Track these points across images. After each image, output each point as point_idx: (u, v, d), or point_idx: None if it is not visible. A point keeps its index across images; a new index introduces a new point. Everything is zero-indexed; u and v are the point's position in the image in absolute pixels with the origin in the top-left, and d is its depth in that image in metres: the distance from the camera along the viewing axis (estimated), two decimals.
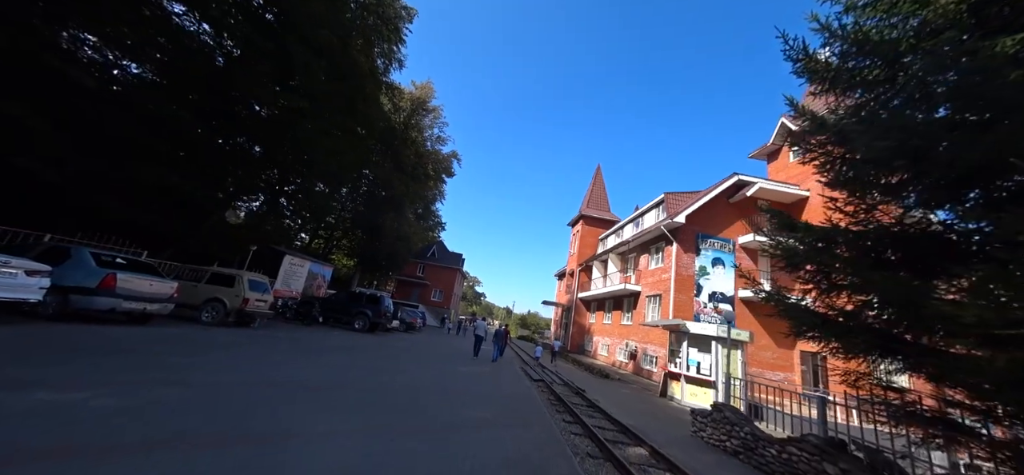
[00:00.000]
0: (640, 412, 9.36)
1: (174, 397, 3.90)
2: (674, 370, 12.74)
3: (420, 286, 46.01)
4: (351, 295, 17.52)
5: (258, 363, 6.18)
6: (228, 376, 4.99)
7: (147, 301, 6.75)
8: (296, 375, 5.81)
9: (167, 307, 7.36)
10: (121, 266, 6.56)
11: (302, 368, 6.48)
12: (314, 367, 6.79)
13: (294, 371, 6.12)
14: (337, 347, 10.07)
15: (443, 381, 7.97)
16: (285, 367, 6.25)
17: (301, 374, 6.01)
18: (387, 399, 5.47)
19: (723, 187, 17.65)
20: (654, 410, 10.23)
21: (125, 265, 6.69)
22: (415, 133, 29.90)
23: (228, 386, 4.59)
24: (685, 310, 16.32)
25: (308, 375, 6.04)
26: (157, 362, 5.05)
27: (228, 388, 4.51)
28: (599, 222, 31.75)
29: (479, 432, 4.70)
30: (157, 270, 7.53)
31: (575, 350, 28.47)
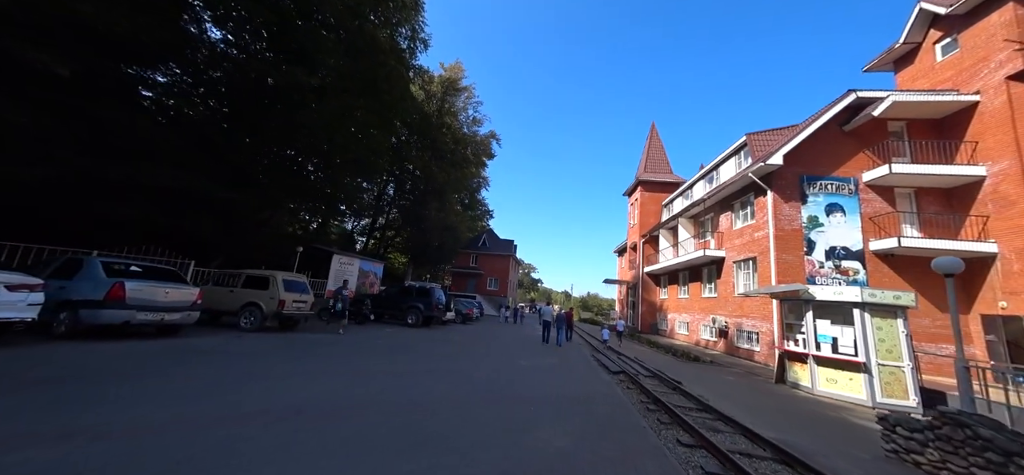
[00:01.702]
0: (768, 411, 6.87)
1: (77, 453, 2.61)
2: (795, 349, 9.79)
3: (475, 276, 45.76)
4: (402, 290, 16.82)
5: (259, 379, 4.97)
6: (193, 406, 3.72)
7: (165, 311, 6.05)
8: (299, 395, 4.46)
9: (191, 316, 6.66)
10: (135, 274, 5.87)
11: (319, 381, 5.19)
12: (337, 378, 5.49)
13: (304, 387, 4.82)
14: (380, 348, 8.95)
15: (499, 382, 6.32)
16: (294, 383, 4.98)
17: (311, 391, 4.67)
18: (412, 424, 3.87)
19: (834, 112, 13.59)
20: (783, 406, 7.61)
21: (141, 273, 6.01)
22: (449, 118, 28.73)
23: (179, 424, 3.27)
24: (793, 272, 12.92)
25: (321, 392, 4.69)
26: (111, 393, 3.90)
27: (176, 426, 3.20)
28: (660, 186, 28.04)
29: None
30: (180, 276, 6.88)
31: (647, 330, 25.59)
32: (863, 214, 13.12)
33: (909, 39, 14.40)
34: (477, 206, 46.44)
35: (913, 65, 14.60)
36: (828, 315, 9.26)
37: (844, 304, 8.92)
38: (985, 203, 11.82)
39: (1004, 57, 11.53)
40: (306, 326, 10.87)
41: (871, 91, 13.33)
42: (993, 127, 11.75)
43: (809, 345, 9.38)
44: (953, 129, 12.88)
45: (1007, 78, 11.43)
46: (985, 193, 11.84)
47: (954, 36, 13.18)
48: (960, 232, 12.32)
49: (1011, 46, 11.39)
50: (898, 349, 8.35)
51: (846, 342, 8.81)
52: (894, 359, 8.32)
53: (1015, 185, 11.06)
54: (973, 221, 12.03)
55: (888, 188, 13.21)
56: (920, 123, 13.55)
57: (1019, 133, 11.10)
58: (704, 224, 19.83)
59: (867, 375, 8.36)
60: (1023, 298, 10.68)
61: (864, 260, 12.82)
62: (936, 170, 12.13)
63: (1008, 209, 11.19)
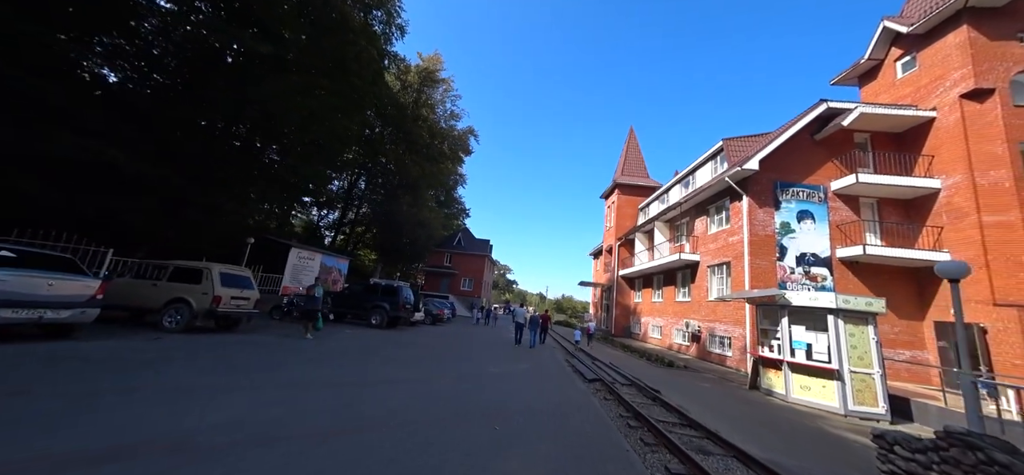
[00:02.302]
0: (749, 422, 6.54)
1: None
2: (770, 355, 9.69)
3: (448, 276, 44.57)
4: (366, 288, 15.66)
5: (143, 399, 3.92)
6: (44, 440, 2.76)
7: (46, 307, 4.86)
8: (192, 420, 3.46)
9: (86, 314, 5.45)
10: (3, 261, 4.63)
11: (234, 397, 4.25)
12: (261, 393, 4.56)
13: (207, 407, 3.84)
14: (332, 353, 7.95)
15: (464, 393, 5.58)
16: (196, 401, 3.98)
17: (217, 413, 3.72)
18: (347, 452, 3.08)
19: (806, 120, 13.88)
20: (763, 416, 7.34)
21: (13, 259, 4.77)
22: (425, 111, 27.63)
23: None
24: (766, 278, 13.01)
25: (230, 414, 3.75)
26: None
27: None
28: (637, 190, 28.23)
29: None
30: (76, 266, 5.63)
31: (621, 333, 25.57)
32: (831, 222, 13.44)
33: (873, 55, 15.00)
34: (453, 204, 45.39)
35: (876, 81, 15.22)
36: (803, 321, 9.20)
37: (819, 310, 8.86)
38: (940, 214, 12.35)
39: (958, 76, 12.11)
40: (251, 327, 9.63)
41: (840, 102, 13.71)
42: (947, 142, 12.31)
43: (784, 351, 9.27)
44: (912, 143, 13.45)
45: (960, 96, 12.00)
46: (940, 205, 12.38)
47: (913, 54, 13.80)
48: (916, 241, 12.83)
49: (963, 67, 11.97)
50: (869, 356, 8.36)
51: (820, 349, 8.75)
52: (865, 366, 8.31)
53: (966, 198, 11.60)
54: (929, 231, 12.56)
55: (854, 197, 13.60)
56: (883, 136, 14.08)
57: (971, 149, 11.66)
58: (679, 228, 19.95)
59: (840, 383, 8.30)
60: (972, 306, 11.15)
61: (831, 267, 13.10)
62: (899, 181, 12.57)
63: (960, 221, 11.72)
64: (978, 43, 11.92)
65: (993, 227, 10.99)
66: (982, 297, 10.93)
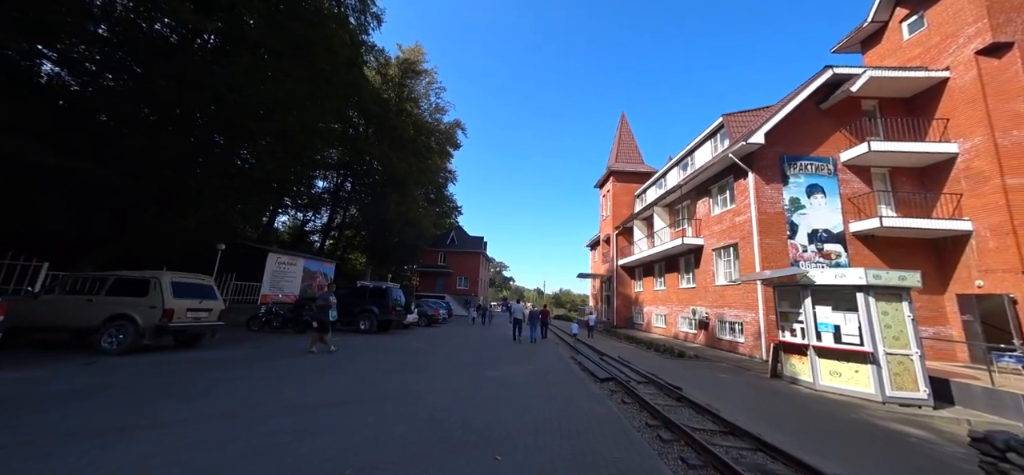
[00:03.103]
0: (789, 419, 5.71)
1: None
2: (792, 340, 8.89)
3: (443, 275, 43.55)
4: (353, 291, 14.61)
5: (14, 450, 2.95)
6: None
7: None
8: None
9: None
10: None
11: (122, 449, 3.24)
12: (191, 429, 3.57)
13: (103, 453, 2.88)
14: (300, 368, 6.96)
15: (453, 410, 4.64)
16: (93, 446, 3.02)
17: (119, 463, 2.75)
18: None
19: (811, 89, 13.10)
20: (801, 411, 6.52)
21: None
22: (409, 105, 26.47)
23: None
24: (777, 257, 12.25)
25: (134, 461, 2.78)
26: None
27: None
28: (633, 176, 27.43)
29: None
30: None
31: (623, 324, 24.83)
32: (842, 195, 12.71)
33: (876, 17, 14.26)
34: (444, 202, 44.15)
35: (880, 44, 14.50)
36: (828, 301, 8.41)
37: (846, 288, 8.06)
38: (958, 180, 11.67)
39: (973, 31, 11.39)
40: (215, 342, 8.54)
41: (847, 68, 12.95)
42: (963, 104, 11.61)
43: (809, 335, 8.48)
44: (923, 107, 12.75)
45: (976, 53, 11.28)
46: (958, 171, 11.70)
47: (920, 13, 13.08)
48: (932, 211, 12.16)
49: (978, 21, 11.25)
50: (905, 335, 7.59)
51: (849, 330, 7.96)
52: (901, 346, 7.54)
53: (988, 161, 10.91)
54: (946, 199, 11.88)
55: (865, 168, 12.88)
56: (891, 101, 13.37)
57: (990, 108, 10.96)
58: (679, 212, 19.17)
59: (875, 366, 7.52)
60: (998, 276, 10.51)
61: (845, 242, 12.38)
62: (914, 147, 11.86)
63: (981, 185, 11.03)
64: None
65: (1019, 190, 10.31)
66: (1009, 265, 10.26)
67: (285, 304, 13.61)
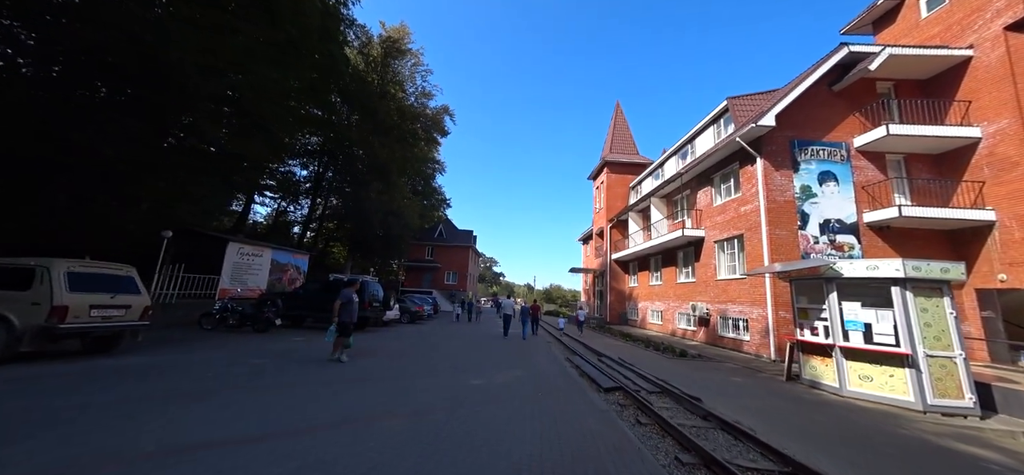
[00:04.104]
0: (835, 440, 4.68)
1: None
2: (813, 339, 7.93)
3: (431, 270, 42.08)
4: (326, 285, 13.22)
5: None
6: None
7: None
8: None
9: None
10: None
11: None
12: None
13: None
14: (236, 378, 5.66)
15: (420, 449, 3.42)
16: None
17: None
18: None
19: (825, 69, 12.15)
20: (844, 426, 5.51)
21: None
22: (393, 88, 24.87)
23: None
24: (787, 249, 11.33)
25: None
26: None
27: None
28: (628, 167, 26.44)
29: None
30: None
31: (616, 320, 23.92)
32: (855, 182, 11.84)
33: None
34: (432, 194, 42.59)
35: (895, 24, 13.64)
36: (856, 296, 7.44)
37: (880, 281, 7.09)
38: (980, 167, 10.89)
39: (1002, 4, 10.54)
40: (138, 345, 7.07)
41: (864, 45, 12.04)
42: (988, 84, 10.80)
43: (834, 334, 7.51)
44: (941, 89, 11.94)
45: (1005, 28, 10.45)
46: (980, 157, 10.91)
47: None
48: (950, 200, 11.39)
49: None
50: (947, 335, 6.66)
51: (882, 329, 7.01)
52: (943, 348, 6.61)
53: (1015, 146, 10.12)
54: (966, 187, 11.10)
55: (879, 154, 12.03)
56: (907, 84, 12.55)
57: (1020, 89, 10.15)
58: (678, 203, 18.22)
59: (913, 370, 6.58)
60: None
61: (859, 233, 11.54)
62: (935, 132, 11.01)
63: (1008, 172, 10.25)
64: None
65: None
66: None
67: (246, 299, 12.16)
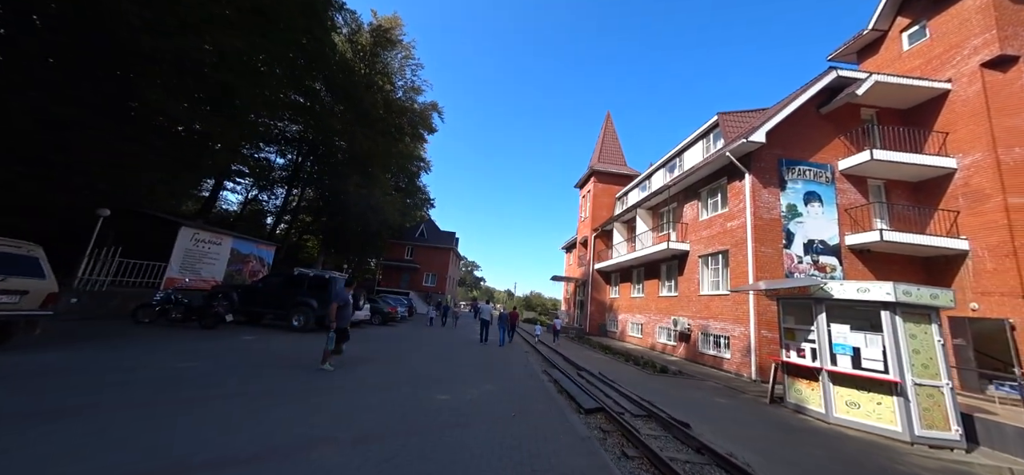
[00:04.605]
0: None
1: None
2: (800, 362, 7.64)
3: (409, 271, 40.83)
4: (289, 280, 12.18)
5: None
6: None
7: None
8: None
9: None
10: None
11: None
12: None
13: None
14: (135, 389, 4.80)
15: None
16: None
17: None
18: None
19: (813, 91, 12.24)
20: (837, 457, 5.11)
21: None
22: (381, 79, 23.97)
23: None
24: (772, 267, 11.20)
25: None
26: None
27: None
28: (615, 177, 26.37)
29: None
30: None
31: (596, 331, 23.58)
32: (839, 205, 11.88)
33: (877, 26, 13.72)
34: (416, 192, 41.47)
35: (878, 55, 13.98)
36: (845, 319, 7.21)
37: (869, 305, 6.87)
38: (955, 197, 11.10)
39: (979, 42, 10.86)
40: (36, 339, 6.03)
41: (851, 71, 12.20)
42: (965, 117, 11.06)
43: (822, 357, 7.24)
44: (920, 119, 12.20)
45: (981, 65, 10.75)
46: (955, 187, 11.13)
47: (923, 23, 12.57)
48: (927, 227, 11.57)
49: (986, 31, 10.72)
50: (934, 363, 6.47)
51: (871, 355, 6.77)
52: (931, 376, 6.41)
53: (989, 178, 10.35)
54: (941, 216, 11.29)
55: (862, 178, 12.15)
56: (889, 112, 12.79)
57: (994, 123, 10.41)
58: (663, 216, 18.09)
59: (901, 399, 6.33)
60: (996, 299, 9.91)
61: (841, 255, 11.54)
62: (916, 160, 11.18)
63: (981, 203, 10.46)
64: (1001, 6, 10.71)
65: (1021, 210, 9.75)
66: (1009, 288, 9.66)
67: (194, 290, 11.00)
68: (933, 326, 6.63)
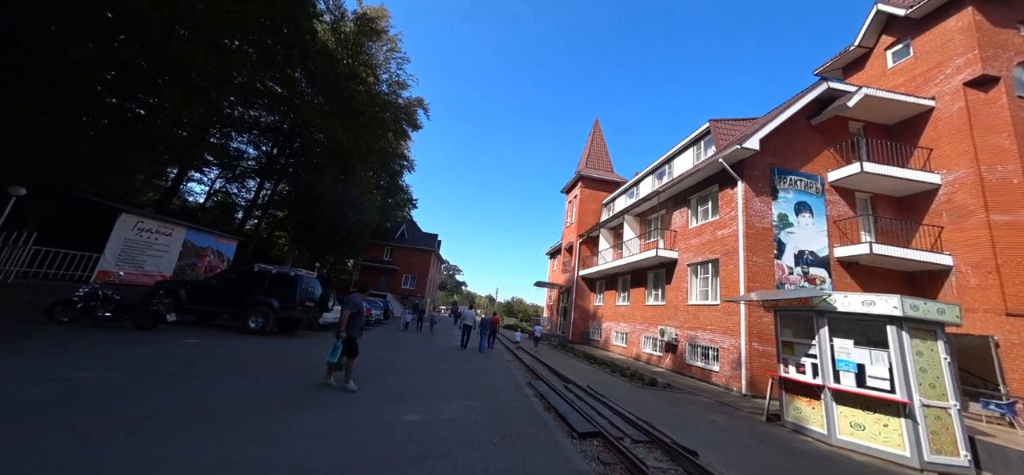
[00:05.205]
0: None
1: None
2: (800, 378, 7.21)
3: (388, 272, 39.29)
4: (247, 276, 10.94)
5: None
6: None
7: None
8: None
9: None
10: None
11: None
12: None
13: None
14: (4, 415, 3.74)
15: None
16: None
17: None
18: None
19: (805, 101, 12.17)
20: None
21: None
22: (365, 72, 22.86)
23: None
24: (763, 277, 10.91)
25: None
26: None
27: None
28: (602, 184, 26.11)
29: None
30: None
31: (579, 339, 23.01)
32: (829, 216, 11.78)
33: (863, 42, 13.92)
34: (398, 192, 40.05)
35: (863, 71, 14.18)
36: (849, 333, 6.83)
37: (874, 318, 6.50)
38: (939, 213, 11.17)
39: (962, 62, 11.04)
40: None
41: (842, 84, 12.20)
42: (948, 135, 11.19)
43: (824, 373, 6.82)
44: (905, 135, 12.33)
45: (964, 84, 10.91)
46: (939, 203, 11.21)
47: (907, 42, 12.79)
48: (911, 242, 11.60)
49: (969, 51, 10.90)
50: (942, 383, 6.13)
51: (877, 372, 6.38)
52: (938, 397, 6.06)
53: (972, 195, 10.43)
54: (925, 231, 11.35)
55: (850, 191, 12.12)
56: (874, 127, 12.89)
57: (977, 141, 10.53)
58: (652, 223, 17.78)
59: (910, 421, 5.94)
60: (979, 316, 9.90)
61: (829, 267, 11.39)
62: (904, 174, 11.20)
63: (964, 220, 10.53)
64: (983, 28, 10.92)
65: (1003, 227, 9.81)
66: (992, 306, 9.67)
67: (132, 286, 9.64)
68: (940, 343, 6.32)
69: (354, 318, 5.71)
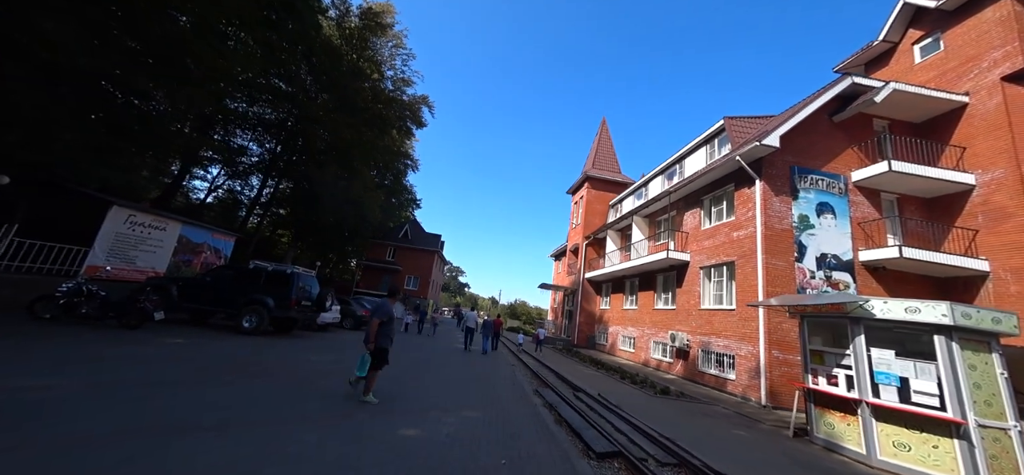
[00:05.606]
0: None
1: None
2: (831, 390, 6.59)
3: (391, 272, 38.90)
4: (242, 273, 10.51)
5: None
6: None
7: None
8: None
9: None
10: None
11: None
12: None
13: None
14: None
15: None
16: None
17: None
18: None
19: (828, 97, 11.54)
20: None
21: None
22: (369, 67, 22.51)
23: None
24: (783, 281, 10.29)
25: None
26: None
27: None
28: (609, 185, 25.51)
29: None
30: None
31: (584, 343, 22.40)
32: (852, 218, 11.13)
33: (888, 37, 13.27)
34: (402, 191, 39.68)
35: (887, 67, 13.52)
36: (889, 343, 6.21)
37: (919, 327, 5.88)
38: (974, 215, 10.49)
39: (999, 55, 10.37)
40: None
41: (867, 79, 11.57)
42: (984, 132, 10.52)
43: (862, 387, 6.20)
44: (934, 133, 11.66)
45: (1002, 79, 10.25)
46: (974, 204, 10.53)
47: (937, 36, 12.13)
48: (942, 245, 10.92)
49: (1008, 44, 10.24)
50: (999, 401, 5.49)
51: (924, 387, 5.75)
52: (995, 416, 5.42)
53: (1011, 196, 9.75)
54: (958, 234, 10.66)
55: (875, 191, 11.46)
56: (901, 124, 12.22)
57: (1016, 139, 9.85)
58: (661, 224, 17.17)
59: (965, 443, 5.31)
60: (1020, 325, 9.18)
61: (854, 272, 10.74)
62: (935, 174, 10.54)
63: (1002, 222, 9.84)
64: (1023, 18, 10.25)
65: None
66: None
67: (121, 282, 9.23)
68: (995, 355, 5.68)
69: (384, 326, 5.21)
